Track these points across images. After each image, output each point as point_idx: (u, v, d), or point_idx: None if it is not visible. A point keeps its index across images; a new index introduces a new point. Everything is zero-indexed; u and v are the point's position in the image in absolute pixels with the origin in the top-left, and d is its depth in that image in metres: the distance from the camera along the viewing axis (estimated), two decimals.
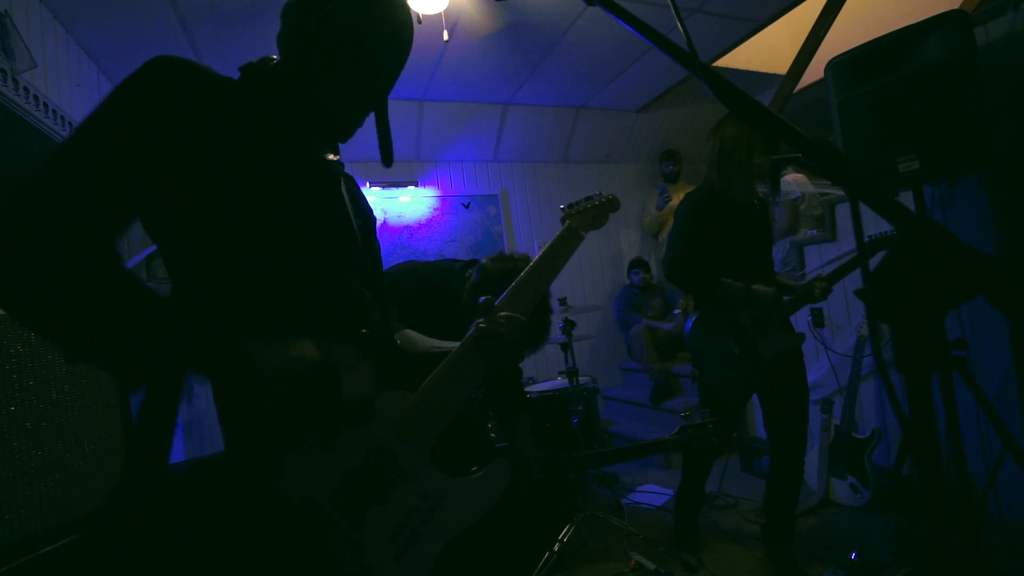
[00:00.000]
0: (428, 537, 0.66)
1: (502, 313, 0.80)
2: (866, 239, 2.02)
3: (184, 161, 0.63)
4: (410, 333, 0.94)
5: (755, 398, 2.09)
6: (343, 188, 0.84)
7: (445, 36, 2.66)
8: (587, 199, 1.08)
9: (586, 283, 4.56)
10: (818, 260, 2.73)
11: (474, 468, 0.73)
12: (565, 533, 2.18)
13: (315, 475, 0.63)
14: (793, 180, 3.33)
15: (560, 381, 3.17)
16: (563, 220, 1.05)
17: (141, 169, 0.62)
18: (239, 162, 0.67)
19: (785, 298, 1.95)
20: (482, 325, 0.78)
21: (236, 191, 0.67)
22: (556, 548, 2.09)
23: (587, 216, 1.04)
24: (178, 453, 2.87)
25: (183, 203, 0.65)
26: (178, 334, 0.58)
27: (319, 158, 0.81)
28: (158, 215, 0.66)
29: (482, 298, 0.82)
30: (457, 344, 0.82)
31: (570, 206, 1.07)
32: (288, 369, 0.60)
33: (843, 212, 2.61)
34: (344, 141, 0.82)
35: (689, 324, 1.90)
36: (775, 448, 1.96)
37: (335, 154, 0.85)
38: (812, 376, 2.74)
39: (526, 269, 0.90)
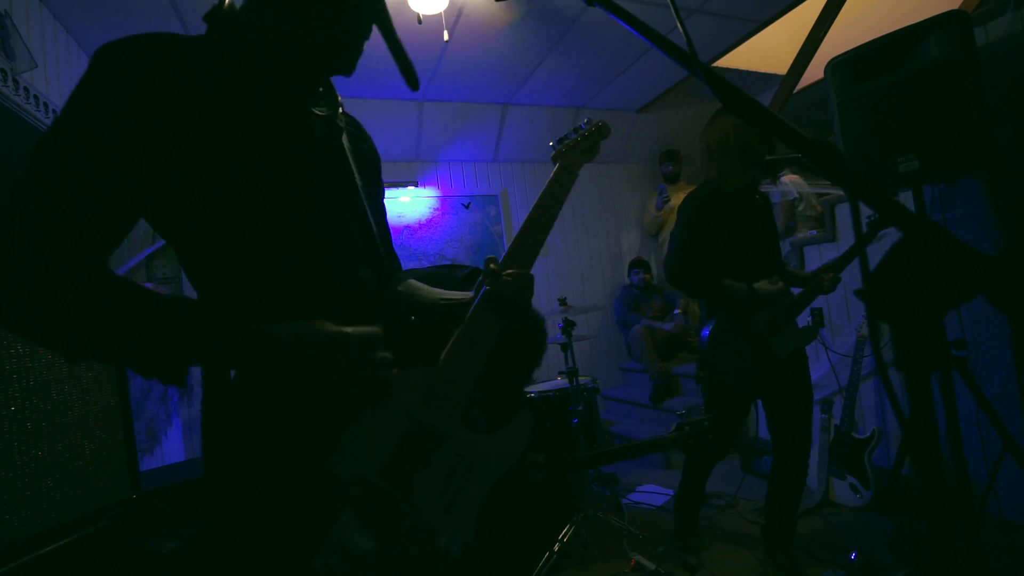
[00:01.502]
0: (470, 489, 0.73)
1: (507, 272, 0.81)
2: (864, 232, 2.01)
3: (172, 145, 0.61)
4: (415, 284, 0.93)
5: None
6: (344, 141, 0.80)
7: (445, 36, 2.66)
8: (575, 130, 1.02)
9: (586, 283, 4.56)
10: (818, 260, 2.73)
11: (483, 422, 0.79)
12: (565, 533, 2.18)
13: (364, 455, 0.69)
14: (791, 181, 3.33)
15: (560, 381, 3.17)
16: (554, 159, 0.99)
17: (126, 165, 0.60)
18: (228, 134, 0.64)
19: (795, 291, 1.94)
20: (490, 288, 0.80)
21: (229, 168, 0.64)
22: (556, 548, 2.09)
23: (579, 150, 1.00)
24: (178, 453, 2.87)
25: (180, 190, 0.63)
26: (198, 328, 0.61)
27: (314, 115, 0.76)
28: (161, 208, 0.65)
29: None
30: (464, 293, 0.86)
31: (560, 141, 1.01)
32: (318, 342, 0.63)
33: (843, 212, 2.62)
34: (349, 73, 0.77)
35: (706, 332, 1.87)
36: (779, 450, 1.95)
37: (330, 107, 0.79)
38: (812, 376, 2.73)
39: (524, 221, 0.89)
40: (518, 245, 0.86)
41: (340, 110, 0.81)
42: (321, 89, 0.79)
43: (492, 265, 0.81)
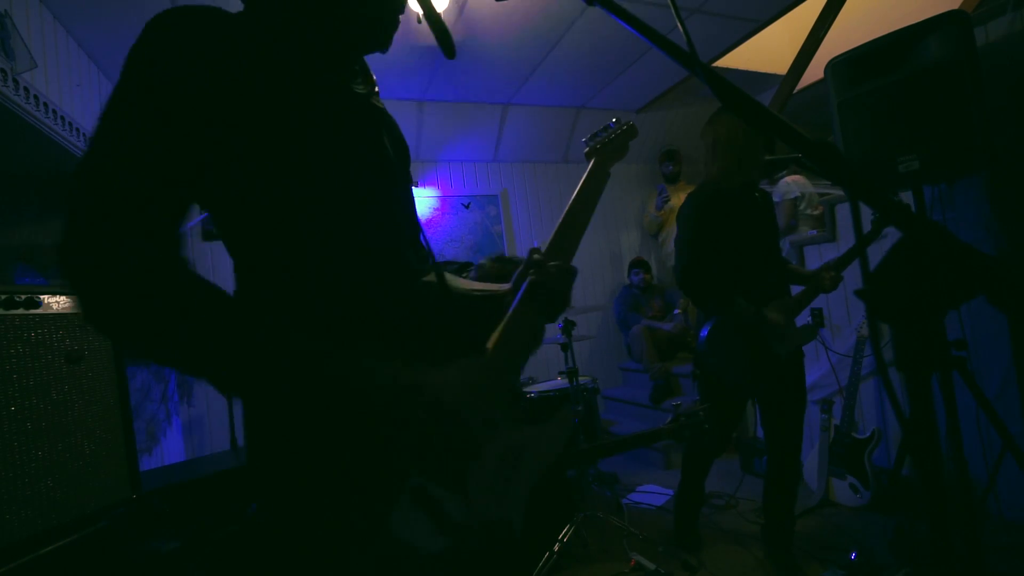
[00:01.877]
0: (518, 479, 0.74)
1: (551, 263, 0.82)
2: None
3: (220, 120, 0.59)
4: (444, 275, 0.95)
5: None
6: (384, 128, 0.79)
7: None
8: (605, 129, 1.05)
9: (586, 283, 4.56)
10: (818, 260, 2.73)
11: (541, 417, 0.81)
12: (565, 533, 2.18)
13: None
14: (793, 181, 3.33)
15: (560, 381, 3.17)
16: (588, 155, 1.02)
17: (186, 151, 0.57)
18: (270, 112, 0.62)
19: (796, 290, 1.95)
20: (534, 278, 0.80)
21: (273, 147, 0.62)
22: (556, 548, 2.09)
23: (610, 149, 1.03)
24: (178, 453, 2.87)
25: (228, 167, 0.61)
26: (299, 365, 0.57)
27: (358, 95, 0.74)
28: (209, 186, 0.62)
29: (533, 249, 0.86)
30: (496, 285, 0.87)
31: (592, 137, 1.04)
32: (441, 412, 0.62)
33: (843, 212, 2.62)
34: (385, 49, 0.75)
35: (704, 332, 1.87)
36: (773, 448, 1.96)
37: (368, 86, 0.78)
38: (812, 376, 2.74)
39: (562, 215, 0.91)
40: (558, 239, 0.88)
41: (376, 90, 0.80)
42: (358, 67, 0.78)
43: (536, 255, 0.83)
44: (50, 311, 1.24)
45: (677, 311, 3.98)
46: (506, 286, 0.86)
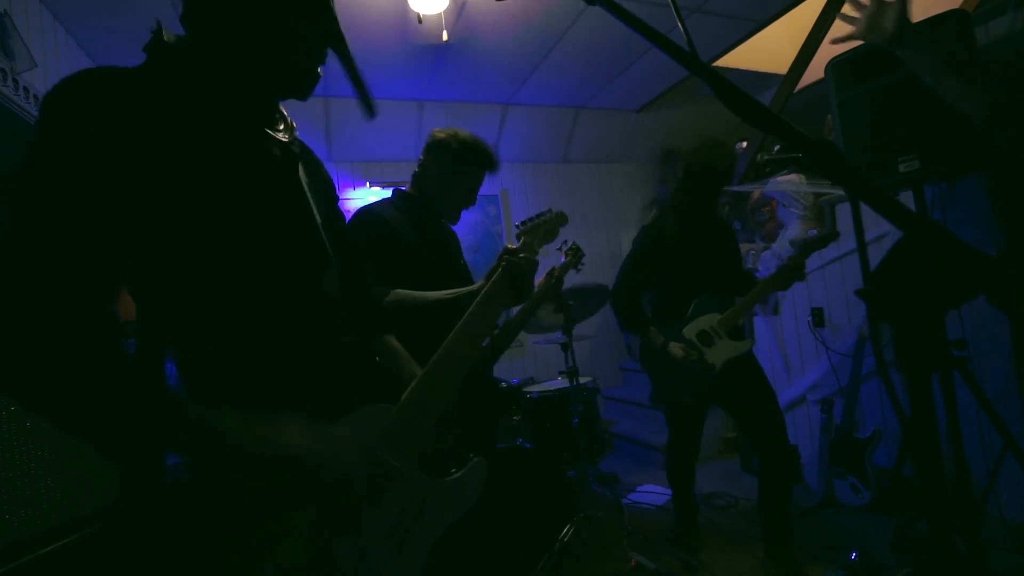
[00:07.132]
0: (420, 532, 0.73)
1: (521, 255, 0.96)
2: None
3: (130, 175, 0.59)
4: (394, 345, 0.96)
5: None
6: (300, 172, 0.78)
7: (445, 36, 2.66)
8: (538, 215, 1.14)
9: (586, 282, 4.56)
10: (818, 260, 2.73)
11: (453, 469, 0.80)
12: (565, 533, 2.18)
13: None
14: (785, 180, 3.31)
15: (560, 381, 3.17)
16: (519, 237, 1.11)
17: (102, 201, 0.58)
18: (183, 161, 0.62)
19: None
20: (508, 260, 0.94)
21: (184, 199, 0.62)
22: (556, 548, 2.09)
23: (541, 232, 1.11)
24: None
25: (138, 220, 0.60)
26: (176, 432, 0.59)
27: (270, 141, 0.74)
28: (121, 240, 0.62)
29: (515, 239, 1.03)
30: (461, 289, 0.94)
31: (524, 223, 1.13)
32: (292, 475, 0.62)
33: (843, 212, 2.62)
34: (303, 98, 0.76)
35: (637, 346, 1.96)
36: (756, 446, 1.98)
37: (287, 132, 0.78)
38: (812, 376, 2.74)
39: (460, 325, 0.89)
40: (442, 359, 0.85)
41: (295, 134, 0.80)
42: (277, 115, 0.78)
43: (510, 245, 1.01)
44: None
45: None
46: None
